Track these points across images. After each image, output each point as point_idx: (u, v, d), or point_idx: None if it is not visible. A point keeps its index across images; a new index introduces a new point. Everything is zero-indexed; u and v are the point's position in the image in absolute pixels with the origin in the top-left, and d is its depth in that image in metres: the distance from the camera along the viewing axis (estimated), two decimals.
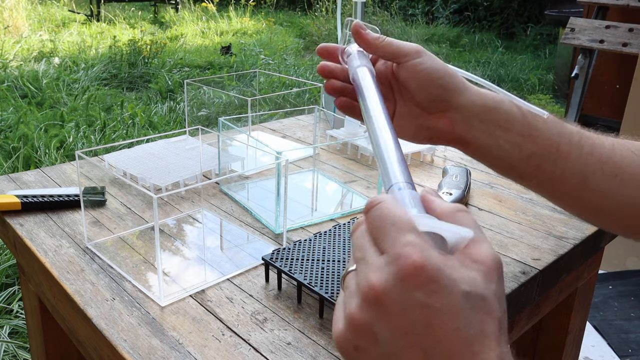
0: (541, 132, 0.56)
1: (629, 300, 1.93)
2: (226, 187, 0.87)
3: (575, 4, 3.05)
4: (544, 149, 0.56)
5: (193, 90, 3.90)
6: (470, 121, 0.56)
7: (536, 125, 0.56)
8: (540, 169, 0.56)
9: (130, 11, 7.81)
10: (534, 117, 0.56)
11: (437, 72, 0.56)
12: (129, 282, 0.63)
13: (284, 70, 4.99)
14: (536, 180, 0.58)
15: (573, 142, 0.56)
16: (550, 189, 0.58)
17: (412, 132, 0.60)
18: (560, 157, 0.56)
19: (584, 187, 0.56)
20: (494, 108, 0.56)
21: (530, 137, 0.56)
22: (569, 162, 0.56)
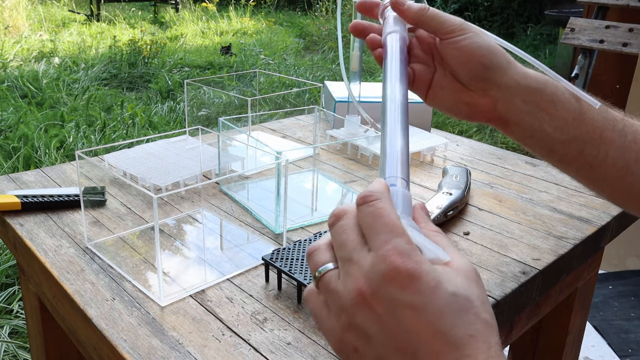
0: (586, 117, 0.55)
1: (629, 300, 1.93)
2: (226, 187, 0.87)
3: (575, 4, 3.05)
4: (587, 134, 0.55)
5: (193, 90, 3.90)
6: (512, 101, 0.55)
7: (581, 110, 0.55)
8: (582, 154, 0.55)
9: (130, 11, 7.81)
10: (579, 101, 0.55)
11: (480, 50, 0.54)
12: (129, 282, 0.63)
13: (284, 70, 4.99)
14: (576, 165, 0.57)
15: (617, 128, 0.55)
16: (590, 175, 0.57)
17: (450, 104, 0.59)
18: (603, 144, 0.55)
19: (625, 174, 0.55)
20: (538, 89, 0.54)
21: (575, 121, 0.54)
22: (611, 149, 0.55)
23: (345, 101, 1.13)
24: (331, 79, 4.86)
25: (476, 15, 7.46)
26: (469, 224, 0.78)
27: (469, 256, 0.70)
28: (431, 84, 0.59)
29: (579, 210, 0.83)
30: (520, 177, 0.96)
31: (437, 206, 0.76)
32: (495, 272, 0.66)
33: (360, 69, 1.02)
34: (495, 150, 1.09)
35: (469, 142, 1.14)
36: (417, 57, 0.59)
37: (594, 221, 0.80)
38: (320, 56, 5.83)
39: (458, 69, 0.56)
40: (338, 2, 0.76)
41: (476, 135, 3.75)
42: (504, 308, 0.63)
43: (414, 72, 0.58)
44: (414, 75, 0.58)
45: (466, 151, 1.08)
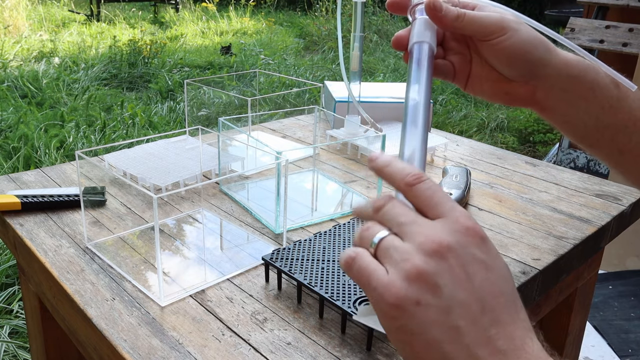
0: (622, 105, 0.55)
1: (629, 300, 1.93)
2: (226, 187, 0.87)
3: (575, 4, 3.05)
4: (622, 122, 0.55)
5: (193, 90, 3.90)
6: (552, 90, 0.55)
7: (618, 97, 0.55)
8: (614, 140, 0.56)
9: (130, 11, 7.81)
10: (618, 88, 0.55)
11: (523, 48, 0.54)
12: (129, 282, 0.63)
13: (284, 70, 4.99)
14: (607, 151, 0.58)
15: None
16: (619, 161, 0.58)
17: (490, 93, 0.59)
18: (636, 132, 0.55)
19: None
20: (578, 77, 0.55)
21: (612, 109, 0.55)
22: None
23: (345, 101, 1.13)
24: (331, 79, 4.86)
25: None
26: None
27: None
28: (470, 74, 0.59)
29: (579, 210, 0.83)
30: (520, 177, 0.96)
31: None
32: None
33: (360, 69, 1.02)
34: (495, 150, 1.09)
35: (469, 142, 1.14)
36: (453, 49, 0.58)
37: (594, 221, 0.80)
38: (320, 56, 5.83)
39: (500, 67, 0.55)
40: (338, 2, 0.75)
41: (476, 135, 3.75)
42: None
43: (453, 66, 0.58)
44: (453, 68, 0.58)
45: (466, 151, 1.08)
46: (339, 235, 0.67)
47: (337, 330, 0.56)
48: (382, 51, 6.05)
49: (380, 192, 0.84)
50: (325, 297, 0.56)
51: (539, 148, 3.63)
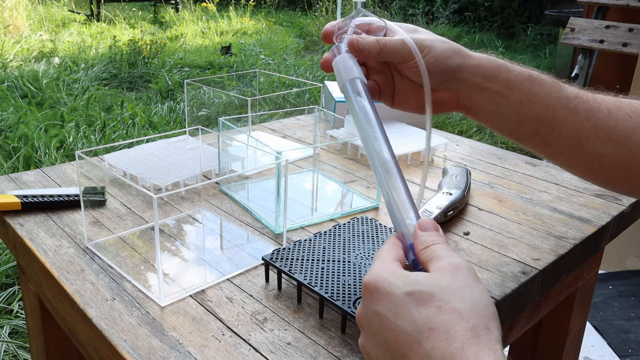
0: (539, 98, 0.57)
1: (629, 300, 1.93)
2: (226, 187, 0.87)
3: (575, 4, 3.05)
4: (541, 115, 0.57)
5: (193, 90, 3.90)
6: (472, 91, 0.58)
7: (534, 91, 0.57)
8: (537, 133, 0.58)
9: (130, 11, 7.81)
10: (533, 83, 0.57)
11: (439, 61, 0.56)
12: (129, 282, 0.63)
13: (284, 70, 4.99)
14: (533, 143, 0.60)
15: (569, 107, 0.57)
16: (546, 151, 0.60)
17: (417, 105, 0.61)
18: (556, 122, 0.57)
19: (578, 149, 0.58)
20: (492, 76, 0.57)
21: (529, 102, 0.57)
22: (564, 127, 0.57)
23: (345, 101, 1.13)
24: (331, 79, 4.86)
25: (476, 15, 7.46)
26: (469, 224, 0.78)
27: (469, 256, 0.70)
28: (394, 91, 0.61)
29: (579, 210, 0.83)
30: (520, 177, 0.96)
31: (437, 206, 0.76)
32: (495, 272, 0.66)
33: None
34: (495, 150, 1.09)
35: (469, 142, 1.14)
36: (375, 68, 0.61)
37: (594, 221, 0.80)
38: (320, 56, 5.83)
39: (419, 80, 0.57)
40: (338, 2, 0.76)
41: (476, 135, 3.75)
42: (504, 308, 0.63)
43: (378, 85, 0.61)
44: (379, 88, 0.61)
45: (466, 151, 1.08)
46: (339, 235, 0.67)
47: (337, 330, 0.56)
48: None
49: (380, 193, 0.84)
50: (325, 297, 0.56)
51: None
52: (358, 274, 0.59)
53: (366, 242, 0.66)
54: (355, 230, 0.69)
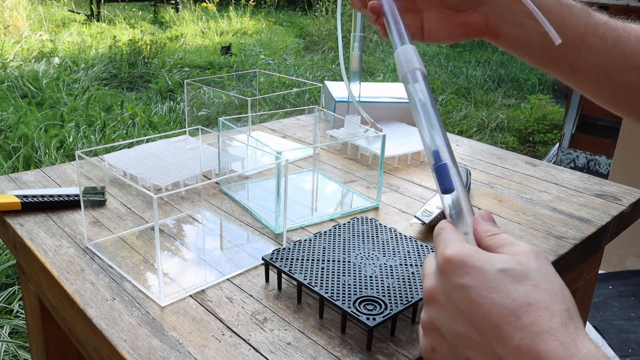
0: (568, 23, 0.56)
1: (629, 300, 1.93)
2: (226, 187, 0.87)
3: None
4: (570, 39, 0.56)
5: (193, 90, 3.90)
6: (501, 12, 0.57)
7: (563, 15, 0.56)
8: (566, 58, 0.57)
9: (131, 11, 7.81)
10: (562, 7, 0.56)
11: None
12: (129, 282, 0.63)
13: (284, 70, 4.99)
14: (562, 70, 0.59)
15: (598, 33, 0.56)
16: (573, 78, 0.60)
17: (447, 33, 0.60)
18: (584, 48, 0.56)
19: (605, 78, 0.57)
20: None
21: (558, 27, 0.56)
22: (592, 54, 0.56)
23: (345, 101, 1.13)
24: (331, 79, 4.86)
25: None
26: None
27: None
28: (423, 24, 0.60)
29: (579, 210, 0.83)
30: (520, 177, 0.96)
31: (437, 206, 0.76)
32: None
33: (360, 69, 1.02)
34: (495, 150, 1.09)
35: (469, 142, 1.14)
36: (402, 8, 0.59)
37: (594, 221, 0.80)
38: (320, 56, 5.83)
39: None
40: (338, 2, 0.75)
41: (476, 135, 3.75)
42: None
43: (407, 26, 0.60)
44: None
45: (466, 151, 1.08)
46: (339, 235, 0.67)
47: (337, 330, 0.56)
48: (382, 51, 6.05)
49: (380, 193, 0.84)
50: (325, 297, 0.56)
51: (539, 148, 3.63)
52: (358, 274, 0.59)
53: (366, 242, 0.66)
54: (355, 230, 0.69)
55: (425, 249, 0.65)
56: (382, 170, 0.84)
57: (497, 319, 0.35)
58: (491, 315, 0.35)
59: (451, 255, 0.38)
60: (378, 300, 0.55)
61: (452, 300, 0.37)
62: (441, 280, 0.39)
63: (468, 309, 0.36)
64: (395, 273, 0.60)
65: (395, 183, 0.92)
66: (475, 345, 0.36)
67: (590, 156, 2.82)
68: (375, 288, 0.57)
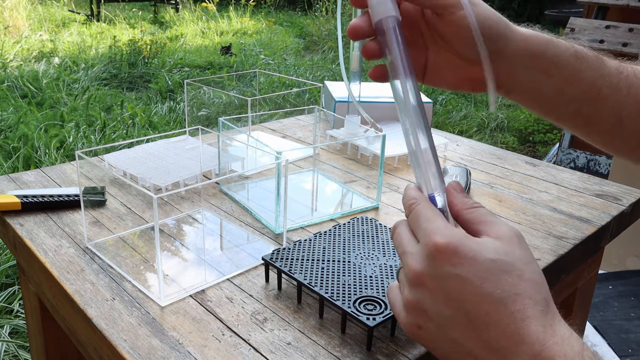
0: (584, 77, 0.55)
1: (629, 300, 1.93)
2: (226, 187, 0.87)
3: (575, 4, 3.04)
4: (585, 94, 0.55)
5: (193, 90, 3.90)
6: (514, 69, 0.54)
7: (580, 69, 0.54)
8: (579, 112, 0.56)
9: (131, 11, 7.81)
10: (578, 60, 0.54)
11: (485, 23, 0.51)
12: (129, 282, 0.63)
13: (284, 70, 4.99)
14: (573, 123, 0.58)
15: (612, 84, 0.55)
16: (585, 130, 0.59)
17: (451, 82, 0.58)
18: (599, 101, 0.55)
19: (618, 127, 0.56)
20: (539, 54, 0.54)
21: (574, 82, 0.54)
22: (606, 106, 0.55)
23: (345, 101, 1.13)
24: (331, 79, 4.86)
25: None
26: None
27: None
28: (426, 65, 0.57)
29: (579, 210, 0.83)
30: (520, 177, 0.96)
31: None
32: None
33: (360, 69, 1.02)
34: (495, 150, 1.09)
35: (469, 142, 1.14)
36: (405, 39, 0.55)
37: (594, 221, 0.80)
38: (320, 56, 5.83)
39: (460, 45, 0.52)
40: (338, 2, 0.75)
41: (476, 135, 3.75)
42: None
43: None
44: None
45: (466, 151, 1.08)
46: (339, 235, 0.67)
47: (337, 330, 0.56)
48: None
49: (380, 193, 0.84)
50: (325, 297, 0.56)
51: (539, 148, 3.63)
52: (358, 274, 0.59)
53: (366, 242, 0.66)
54: (355, 230, 0.69)
55: None
56: (382, 170, 0.84)
57: (487, 307, 0.38)
58: (482, 304, 0.38)
59: (443, 244, 0.39)
60: (378, 300, 0.55)
61: (443, 288, 0.39)
62: (431, 267, 0.39)
63: (459, 297, 0.38)
64: (396, 273, 0.60)
65: (395, 183, 0.92)
66: (462, 328, 0.39)
67: (590, 156, 2.82)
68: (375, 288, 0.57)
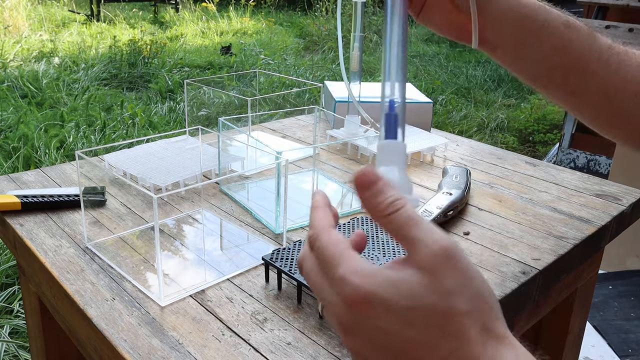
0: (574, 45, 0.54)
1: (629, 300, 1.93)
2: (226, 187, 0.87)
3: (575, 4, 3.04)
4: (573, 63, 0.54)
5: (193, 90, 3.90)
6: (502, 26, 0.54)
7: (570, 38, 0.54)
8: (566, 82, 0.55)
9: (131, 11, 7.81)
10: (568, 29, 0.54)
11: None
12: (129, 282, 0.63)
13: (284, 70, 4.99)
14: (559, 93, 0.57)
15: (602, 59, 0.54)
16: (572, 102, 0.58)
17: (440, 25, 0.58)
18: (587, 73, 0.54)
19: (605, 103, 0.55)
20: (529, 16, 0.53)
21: (563, 49, 0.54)
22: (594, 79, 0.54)
23: (345, 101, 1.13)
24: (331, 79, 4.86)
25: None
26: (469, 224, 0.78)
27: (469, 256, 0.70)
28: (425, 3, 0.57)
29: (579, 210, 0.83)
30: (520, 177, 0.96)
31: (437, 206, 0.76)
32: (495, 272, 0.66)
33: (360, 69, 1.02)
34: (495, 150, 1.09)
35: (469, 142, 1.14)
36: None
37: (594, 221, 0.80)
38: (320, 56, 5.83)
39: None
40: (338, 2, 0.75)
41: (476, 135, 3.75)
42: (504, 308, 0.63)
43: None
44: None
45: (466, 151, 1.08)
46: None
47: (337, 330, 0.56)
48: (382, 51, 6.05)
49: None
50: None
51: (539, 148, 3.63)
52: None
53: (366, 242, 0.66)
54: (355, 230, 0.69)
55: None
56: None
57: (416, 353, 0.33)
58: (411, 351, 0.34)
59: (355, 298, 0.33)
60: None
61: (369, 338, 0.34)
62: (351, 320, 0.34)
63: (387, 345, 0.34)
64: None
65: None
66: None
67: (590, 156, 2.82)
68: None
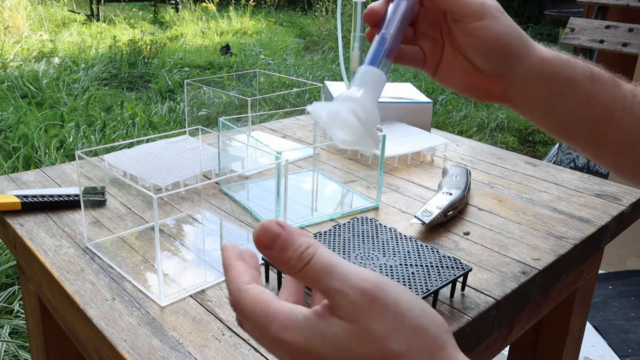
0: (599, 99, 0.53)
1: (629, 300, 1.93)
2: (226, 187, 0.87)
3: (575, 4, 3.04)
4: (599, 116, 0.54)
5: (193, 90, 3.90)
6: (526, 87, 0.53)
7: (595, 90, 0.53)
8: (592, 134, 0.55)
9: (131, 11, 7.82)
10: (593, 82, 0.53)
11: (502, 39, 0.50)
12: (129, 282, 0.63)
13: (284, 70, 4.99)
14: (583, 143, 0.57)
15: (627, 107, 0.54)
16: (595, 151, 0.57)
17: (460, 85, 0.56)
18: (612, 124, 0.54)
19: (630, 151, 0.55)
20: (554, 75, 0.52)
21: (588, 103, 0.53)
22: (619, 129, 0.54)
23: None
24: (331, 79, 4.86)
25: None
26: (469, 224, 0.78)
27: (469, 256, 0.70)
28: (440, 61, 0.56)
29: (579, 210, 0.83)
30: (520, 177, 0.96)
31: (437, 206, 0.76)
32: (495, 272, 0.66)
33: None
34: (495, 150, 1.09)
35: (469, 142, 1.14)
36: (424, 33, 0.55)
37: (594, 221, 0.80)
38: (320, 56, 5.83)
39: (473, 55, 0.52)
40: (338, 2, 0.75)
41: (476, 135, 3.75)
42: (504, 308, 0.63)
43: (424, 52, 0.56)
44: (423, 54, 0.56)
45: (466, 151, 1.08)
46: (339, 235, 0.67)
47: None
48: None
49: (380, 193, 0.84)
50: None
51: (539, 148, 3.63)
52: None
53: (366, 242, 0.66)
54: (355, 230, 0.69)
55: (426, 249, 0.65)
56: (382, 170, 0.84)
57: None
58: None
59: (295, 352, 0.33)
60: None
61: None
62: None
63: None
64: (395, 273, 0.60)
65: (395, 183, 0.92)
66: None
67: None
68: None
